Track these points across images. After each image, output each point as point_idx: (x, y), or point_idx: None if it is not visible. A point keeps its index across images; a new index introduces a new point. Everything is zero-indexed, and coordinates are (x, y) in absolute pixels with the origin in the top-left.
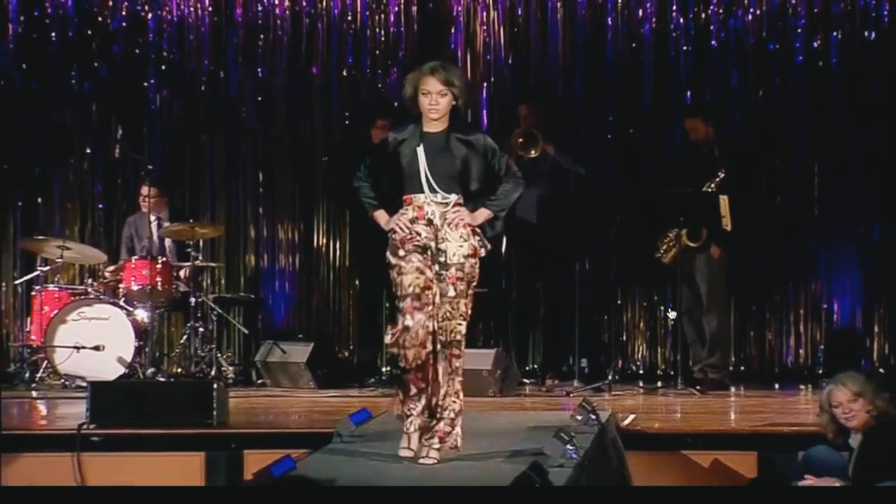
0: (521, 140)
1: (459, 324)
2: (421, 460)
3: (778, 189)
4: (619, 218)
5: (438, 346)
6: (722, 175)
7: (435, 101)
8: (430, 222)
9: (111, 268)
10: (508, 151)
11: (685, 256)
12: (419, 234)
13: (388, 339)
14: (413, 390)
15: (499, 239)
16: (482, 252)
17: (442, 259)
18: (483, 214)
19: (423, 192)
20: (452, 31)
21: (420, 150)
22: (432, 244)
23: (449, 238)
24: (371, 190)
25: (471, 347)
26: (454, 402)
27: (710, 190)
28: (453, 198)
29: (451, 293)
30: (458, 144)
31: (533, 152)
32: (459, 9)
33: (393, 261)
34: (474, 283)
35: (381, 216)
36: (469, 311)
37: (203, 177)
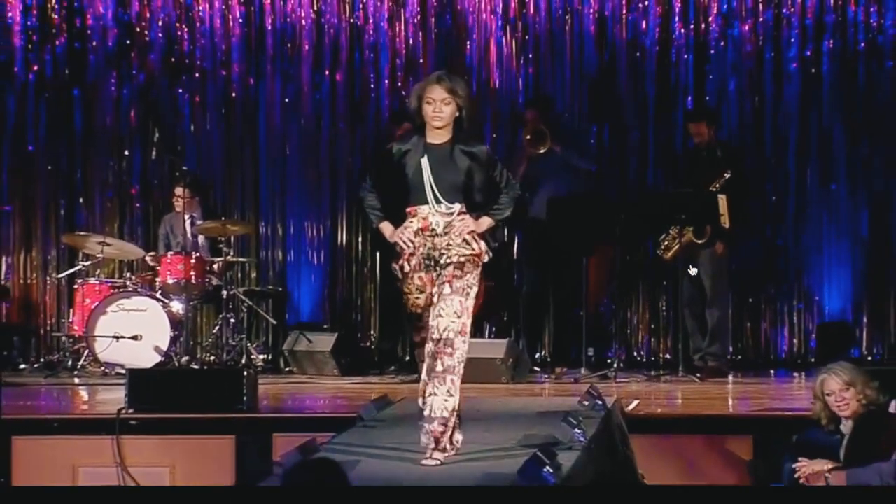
0: (529, 137)
1: (452, 321)
2: (423, 461)
3: (773, 189)
4: (623, 216)
5: (430, 346)
6: (728, 175)
7: (439, 108)
8: (434, 233)
9: (149, 256)
10: (521, 149)
11: (688, 252)
12: (423, 247)
13: None
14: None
15: (510, 236)
16: (485, 258)
17: (443, 260)
18: (486, 222)
19: (427, 202)
20: (468, 45)
21: (424, 162)
22: (436, 253)
23: (452, 243)
24: (376, 200)
25: (485, 338)
26: (445, 400)
27: (714, 189)
28: (457, 207)
29: (447, 290)
30: (461, 156)
31: (542, 148)
32: (474, 19)
33: (398, 276)
34: (473, 289)
35: (385, 228)
36: (465, 311)
37: (234, 177)
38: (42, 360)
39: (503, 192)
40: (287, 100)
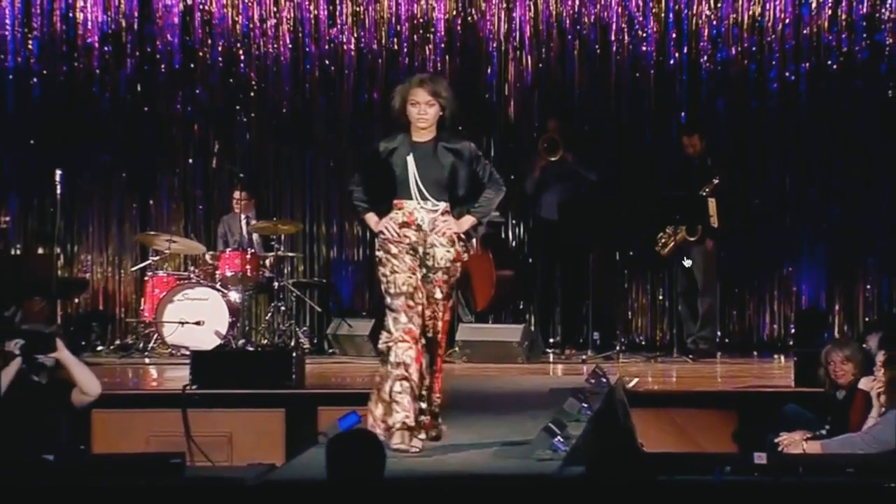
0: (545, 145)
1: (444, 322)
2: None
3: (757, 193)
4: (625, 216)
5: (423, 342)
6: (716, 181)
7: (423, 111)
8: (419, 228)
9: (210, 253)
10: (537, 155)
11: (682, 248)
12: (408, 238)
13: (381, 344)
14: (398, 387)
15: (524, 236)
16: (465, 257)
17: (430, 263)
18: (468, 221)
19: (413, 198)
20: (488, 68)
21: (410, 159)
22: (420, 248)
23: (436, 244)
24: (363, 194)
25: (503, 323)
26: (438, 397)
27: (705, 194)
28: (442, 206)
29: (438, 295)
30: (445, 153)
31: (554, 156)
32: (494, 45)
33: (384, 258)
34: (455, 287)
35: (370, 218)
36: (450, 311)
37: (285, 182)
38: (117, 342)
39: (486, 188)
40: (330, 115)
